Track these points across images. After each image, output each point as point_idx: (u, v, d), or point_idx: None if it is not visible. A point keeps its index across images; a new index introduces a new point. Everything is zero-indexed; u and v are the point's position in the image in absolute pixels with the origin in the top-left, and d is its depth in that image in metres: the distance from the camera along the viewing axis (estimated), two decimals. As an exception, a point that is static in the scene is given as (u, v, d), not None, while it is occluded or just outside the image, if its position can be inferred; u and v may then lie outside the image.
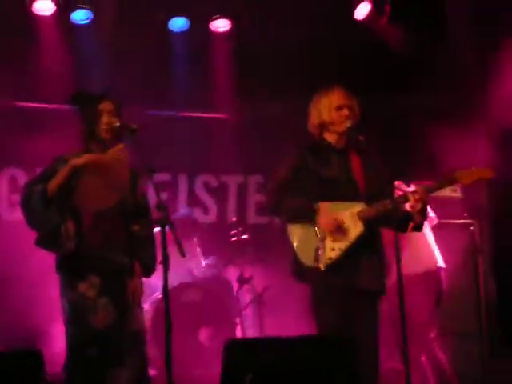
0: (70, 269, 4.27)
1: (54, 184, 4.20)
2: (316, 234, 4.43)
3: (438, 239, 5.94)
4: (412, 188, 4.72)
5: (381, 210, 4.44)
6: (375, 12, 7.33)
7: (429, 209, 5.76)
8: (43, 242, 4.28)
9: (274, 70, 7.37)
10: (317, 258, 4.40)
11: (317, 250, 4.41)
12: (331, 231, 4.41)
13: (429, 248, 5.71)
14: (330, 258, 4.40)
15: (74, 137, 4.57)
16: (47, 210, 4.18)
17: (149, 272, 4.46)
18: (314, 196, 4.49)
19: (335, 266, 4.40)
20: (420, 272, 5.59)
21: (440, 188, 4.49)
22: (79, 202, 4.25)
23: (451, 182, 4.49)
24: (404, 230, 4.62)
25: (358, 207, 4.47)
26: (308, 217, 4.47)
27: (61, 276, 4.33)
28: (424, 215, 4.53)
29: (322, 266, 4.39)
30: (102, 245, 4.29)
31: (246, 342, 4.76)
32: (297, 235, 4.54)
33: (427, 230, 5.75)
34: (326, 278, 4.40)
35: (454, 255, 5.91)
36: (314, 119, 4.65)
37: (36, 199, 4.19)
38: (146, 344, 4.42)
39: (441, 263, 5.71)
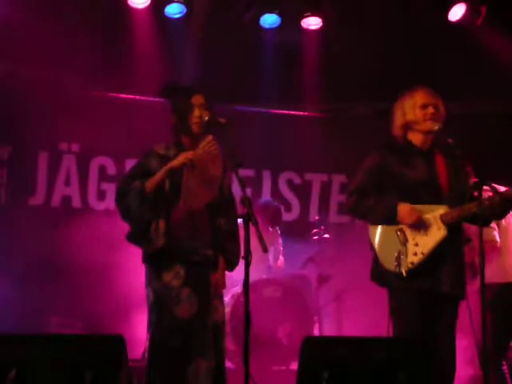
0: (156, 259, 4.35)
1: (151, 183, 4.29)
2: (397, 237, 4.40)
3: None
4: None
5: (464, 213, 4.37)
6: (470, 13, 7.21)
7: None
8: (134, 238, 4.40)
9: (363, 71, 7.33)
10: (398, 263, 4.36)
11: (398, 254, 4.37)
12: (413, 226, 4.37)
13: None
14: (412, 263, 4.35)
15: (163, 129, 4.66)
16: (142, 207, 4.29)
17: (232, 266, 4.53)
18: (395, 198, 4.44)
19: (417, 270, 4.35)
20: (508, 282, 5.47)
21: None
22: (177, 202, 4.32)
23: None
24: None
25: (441, 210, 4.40)
26: (388, 218, 4.43)
27: (147, 265, 4.42)
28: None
29: (403, 271, 4.34)
30: (188, 237, 4.36)
31: (323, 340, 4.76)
32: (378, 238, 4.51)
33: None
34: (407, 282, 4.36)
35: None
36: (398, 119, 4.59)
37: (133, 196, 4.30)
38: (225, 336, 4.48)
39: None
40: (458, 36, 7.32)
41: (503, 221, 5.36)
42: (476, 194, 4.29)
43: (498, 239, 5.42)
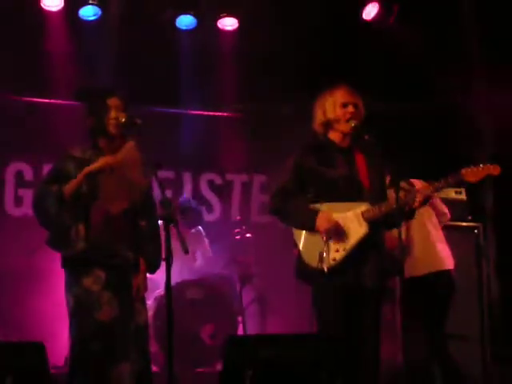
0: (76, 263, 4.29)
1: (70, 188, 4.24)
2: (320, 234, 4.43)
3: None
4: (417, 186, 4.69)
5: (385, 210, 4.42)
6: (383, 12, 7.34)
7: (443, 206, 5.77)
8: (53, 243, 4.34)
9: (284, 70, 7.38)
10: (321, 260, 4.39)
11: (321, 251, 4.41)
12: (330, 236, 4.41)
13: (437, 249, 5.67)
14: (334, 259, 4.38)
15: (80, 132, 4.61)
16: (60, 212, 4.23)
17: (153, 268, 4.50)
18: (318, 197, 4.47)
19: (339, 266, 4.39)
20: (427, 273, 5.56)
21: (446, 187, 4.47)
22: (94, 204, 4.27)
23: (457, 180, 4.44)
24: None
25: (363, 207, 4.44)
26: (310, 222, 4.45)
27: (66, 270, 4.36)
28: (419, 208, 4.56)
29: (325, 268, 4.38)
30: (108, 240, 4.32)
31: (245, 339, 4.78)
32: (302, 236, 4.52)
33: (438, 229, 5.72)
34: (329, 278, 4.39)
35: (457, 258, 5.88)
36: (319, 117, 4.61)
37: (51, 201, 4.24)
38: (148, 339, 4.45)
39: (449, 264, 5.66)
40: (377, 35, 7.43)
41: None
42: (392, 190, 4.36)
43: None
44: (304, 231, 4.51)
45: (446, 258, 5.62)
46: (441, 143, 7.56)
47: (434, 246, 5.60)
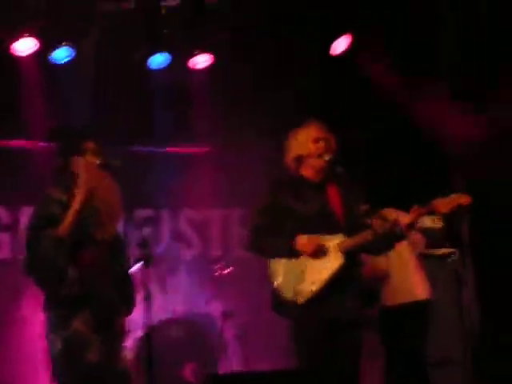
0: (62, 306, 4.26)
1: (64, 229, 4.22)
2: (296, 266, 4.45)
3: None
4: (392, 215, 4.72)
5: (361, 241, 4.46)
6: (356, 46, 7.38)
7: (415, 235, 5.81)
8: (48, 286, 4.30)
9: (255, 106, 7.42)
10: (297, 292, 4.43)
11: (297, 283, 4.43)
12: (314, 255, 4.43)
13: (413, 279, 5.70)
14: (311, 291, 4.42)
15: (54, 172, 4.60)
16: (57, 255, 4.20)
17: (129, 309, 4.49)
18: (291, 233, 4.51)
19: (316, 299, 4.42)
20: (405, 302, 5.59)
21: (418, 218, 4.51)
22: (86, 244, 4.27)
23: (429, 210, 4.48)
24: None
25: (338, 239, 4.49)
26: (290, 247, 4.49)
27: (50, 314, 4.32)
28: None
29: (302, 300, 4.41)
30: (92, 282, 4.30)
31: (227, 377, 4.77)
32: (278, 270, 4.56)
33: (413, 259, 5.75)
34: (307, 311, 4.42)
35: (436, 285, 5.91)
36: (291, 153, 4.70)
37: (47, 245, 4.20)
38: (131, 382, 4.43)
39: (426, 294, 5.68)
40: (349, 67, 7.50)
41: None
42: (368, 221, 4.40)
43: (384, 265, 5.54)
44: (281, 264, 4.53)
45: (422, 287, 5.64)
46: (416, 171, 7.60)
47: (411, 275, 5.64)
